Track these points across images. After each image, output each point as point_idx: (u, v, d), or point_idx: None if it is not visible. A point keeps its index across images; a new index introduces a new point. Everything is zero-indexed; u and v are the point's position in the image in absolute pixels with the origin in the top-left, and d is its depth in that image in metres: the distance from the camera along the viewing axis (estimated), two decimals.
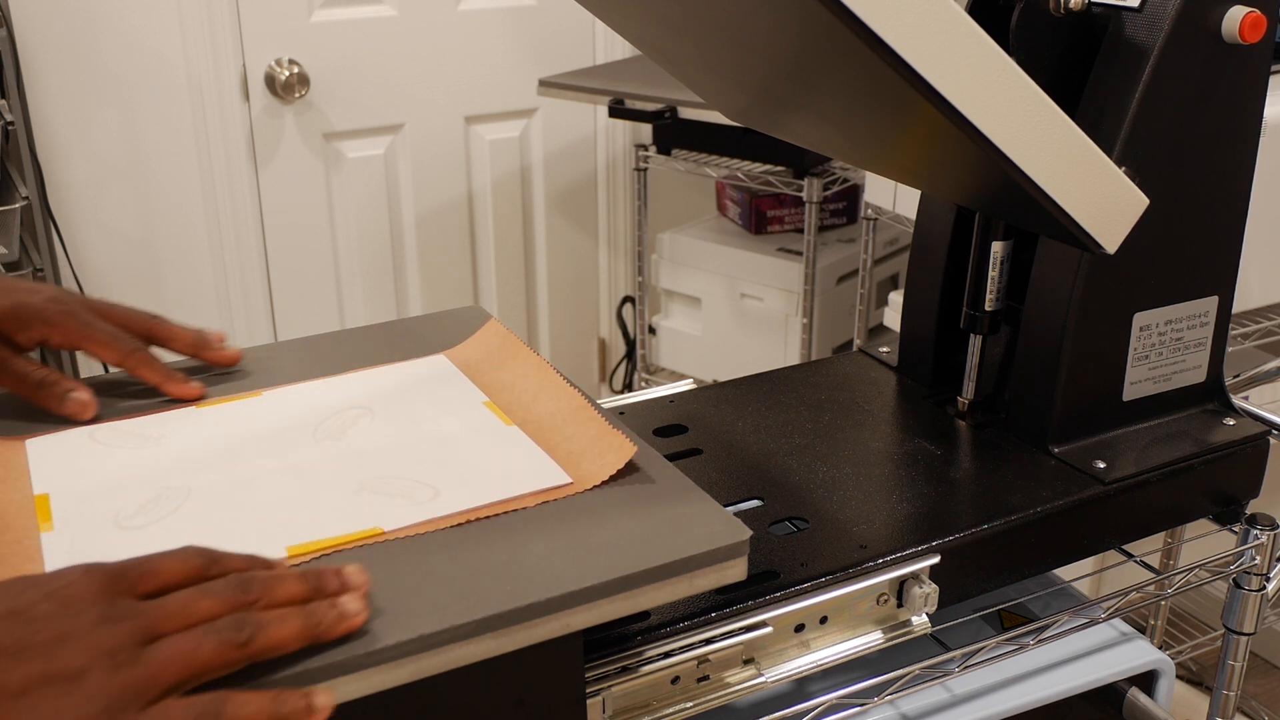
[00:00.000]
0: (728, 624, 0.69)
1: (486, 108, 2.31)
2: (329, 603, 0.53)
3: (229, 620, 0.51)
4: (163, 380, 0.78)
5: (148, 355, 0.79)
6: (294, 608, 0.53)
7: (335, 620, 0.53)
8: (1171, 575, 0.88)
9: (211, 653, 0.49)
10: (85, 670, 0.47)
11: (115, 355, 0.77)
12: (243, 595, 0.52)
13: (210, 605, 0.51)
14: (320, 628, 0.52)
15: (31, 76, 1.89)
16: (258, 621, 0.51)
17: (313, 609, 0.53)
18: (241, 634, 0.50)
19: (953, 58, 0.61)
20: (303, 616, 0.52)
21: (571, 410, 0.73)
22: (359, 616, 0.54)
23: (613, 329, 2.60)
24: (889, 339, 1.04)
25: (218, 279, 2.14)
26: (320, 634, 0.52)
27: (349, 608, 0.54)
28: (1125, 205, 0.72)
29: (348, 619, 0.53)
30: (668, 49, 0.88)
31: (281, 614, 0.52)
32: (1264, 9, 0.79)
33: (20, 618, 0.48)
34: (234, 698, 0.49)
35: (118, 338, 0.77)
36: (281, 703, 0.50)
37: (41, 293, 0.77)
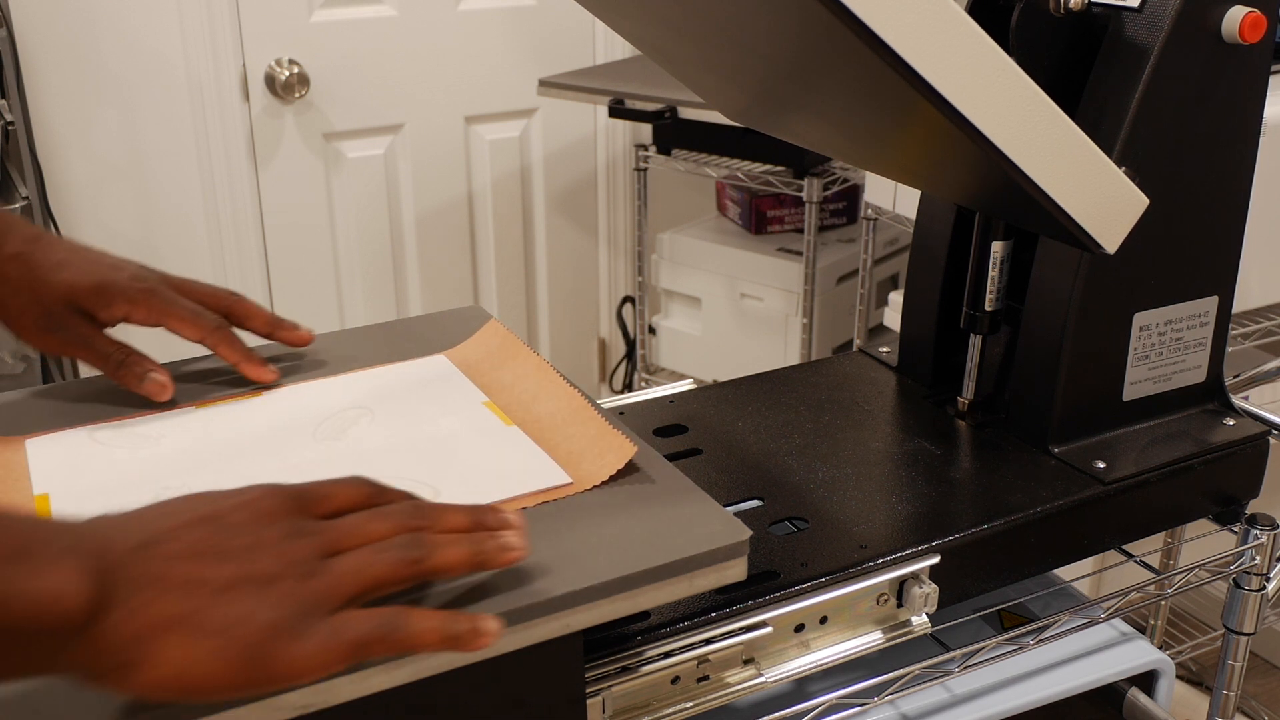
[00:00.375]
0: (728, 624, 0.69)
1: (486, 108, 2.31)
2: (491, 534, 0.56)
3: (404, 539, 0.53)
4: (241, 360, 0.79)
5: (229, 333, 0.80)
6: (462, 534, 0.55)
7: (498, 550, 0.55)
8: (1171, 575, 0.88)
9: (387, 568, 0.52)
10: (278, 576, 0.50)
11: (197, 332, 0.78)
12: (415, 519, 0.55)
13: (385, 526, 0.54)
14: (485, 555, 0.55)
15: (31, 76, 1.89)
16: (431, 542, 0.54)
17: (478, 538, 0.55)
18: (415, 552, 0.53)
19: (953, 58, 0.61)
20: (470, 543, 0.55)
21: (571, 410, 0.73)
22: (521, 550, 0.56)
23: (613, 329, 2.60)
24: (889, 339, 1.04)
25: (218, 279, 2.14)
26: (484, 561, 0.55)
27: (511, 540, 0.56)
28: (1125, 205, 0.72)
29: (510, 550, 0.55)
30: (668, 49, 0.88)
31: (452, 538, 0.54)
32: (1264, 9, 0.79)
33: (219, 522, 0.51)
34: (411, 612, 0.52)
35: (200, 315, 0.78)
36: (453, 623, 0.52)
37: (125, 269, 0.78)
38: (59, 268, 0.76)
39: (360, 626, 0.50)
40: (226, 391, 0.80)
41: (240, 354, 0.80)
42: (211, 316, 0.79)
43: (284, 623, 0.49)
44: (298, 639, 0.49)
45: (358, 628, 0.50)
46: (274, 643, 0.48)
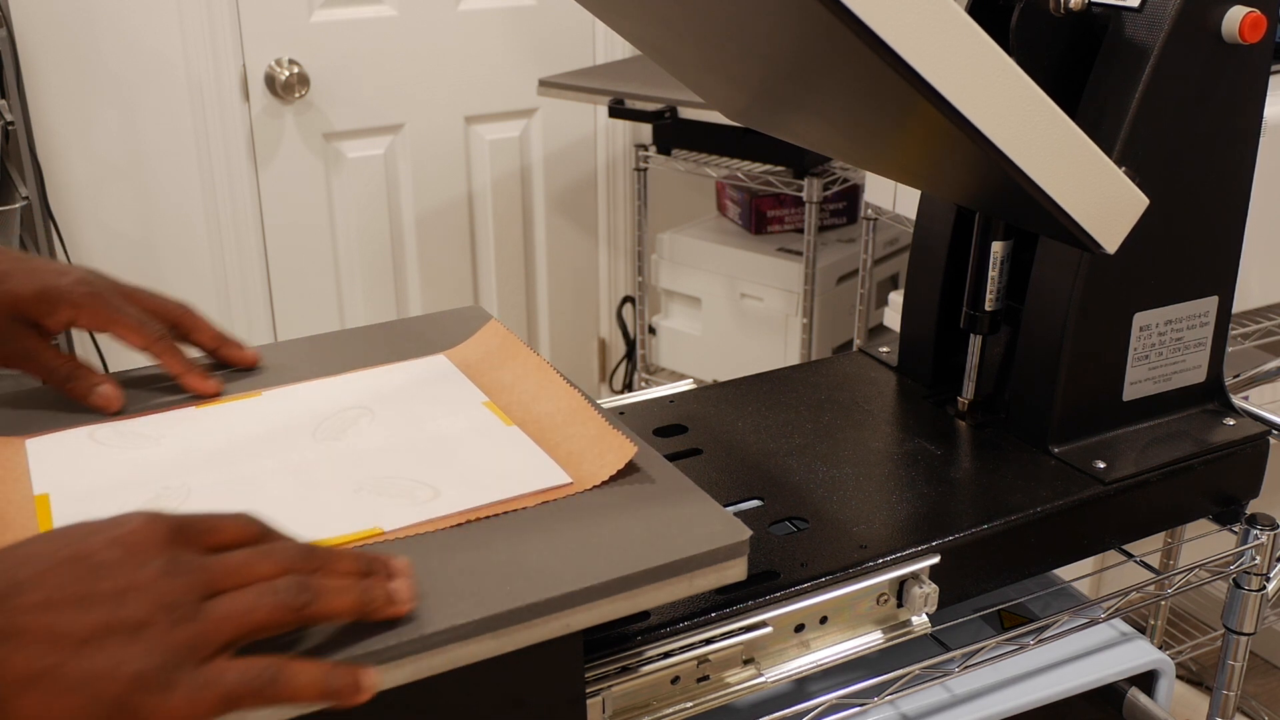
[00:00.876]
0: (728, 624, 0.69)
1: (486, 108, 2.31)
2: (381, 583, 0.54)
3: (289, 582, 0.51)
4: (183, 371, 0.78)
5: (172, 344, 0.79)
6: (350, 580, 0.54)
7: (384, 601, 0.54)
8: (1171, 575, 0.88)
9: (267, 613, 0.50)
10: (146, 623, 0.47)
11: (140, 340, 0.77)
12: (303, 562, 0.53)
13: (270, 567, 0.52)
14: (372, 605, 0.53)
15: (31, 76, 1.89)
16: (317, 588, 0.52)
17: (368, 585, 0.54)
18: (300, 598, 0.51)
19: (953, 58, 0.61)
20: (358, 591, 0.53)
21: (571, 410, 0.73)
22: (407, 604, 0.55)
23: (613, 329, 2.60)
24: (889, 339, 1.04)
25: (218, 279, 2.14)
26: (371, 611, 0.53)
27: (400, 593, 0.55)
28: (1125, 205, 0.72)
29: (397, 603, 0.54)
30: (668, 49, 0.88)
31: (339, 585, 0.53)
32: (1264, 9, 0.79)
33: (85, 563, 0.48)
34: (289, 665, 0.50)
35: (144, 323, 0.78)
36: (334, 677, 0.51)
37: (70, 274, 0.77)
38: (1, 279, 0.74)
39: (232, 678, 0.48)
40: (226, 392, 0.80)
41: (182, 365, 0.78)
42: (156, 326, 0.78)
43: (151, 674, 0.47)
44: (163, 692, 0.47)
45: (230, 679, 0.48)
46: (139, 696, 0.46)
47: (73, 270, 0.78)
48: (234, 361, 0.82)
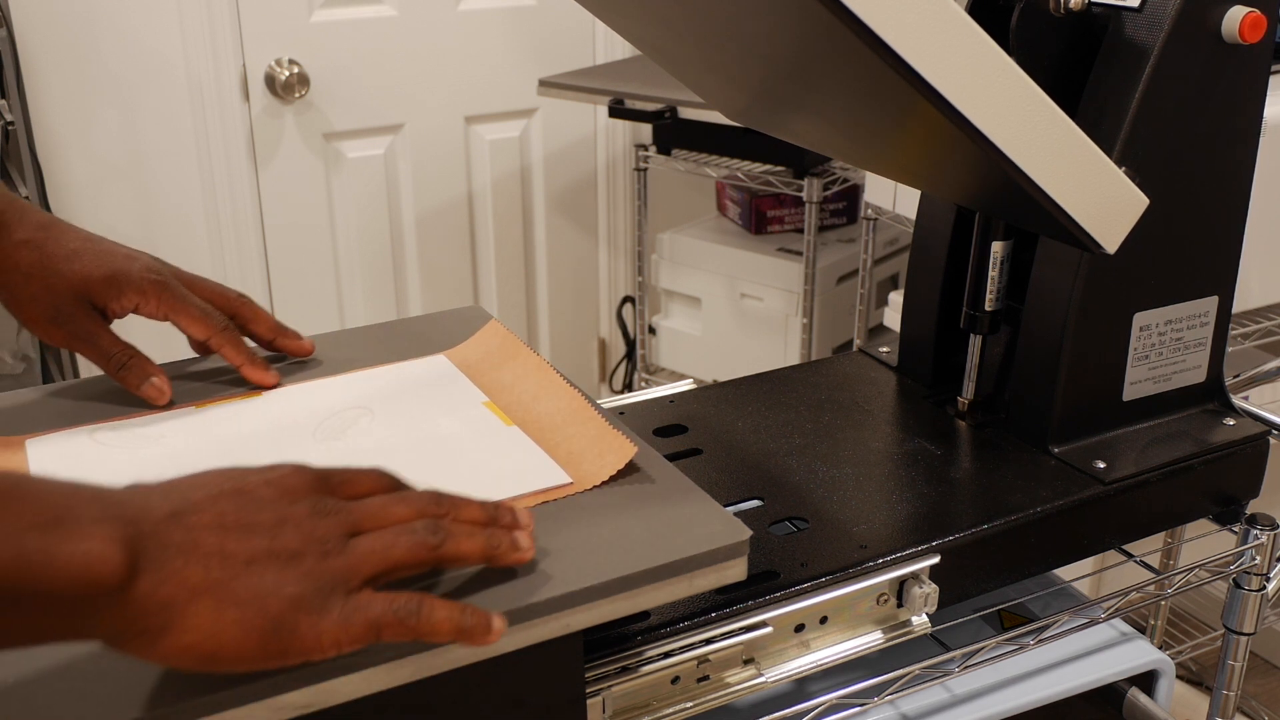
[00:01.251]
0: (728, 624, 0.69)
1: (486, 108, 2.31)
2: (506, 531, 0.57)
3: (424, 523, 0.55)
4: (245, 362, 0.79)
5: (235, 335, 0.80)
6: (478, 526, 0.57)
7: (510, 547, 0.57)
8: (1171, 575, 0.88)
9: (405, 550, 0.53)
10: (301, 553, 0.51)
11: (204, 331, 0.79)
12: (434, 506, 0.56)
13: (405, 510, 0.55)
14: (498, 550, 0.56)
15: (31, 76, 1.89)
16: (449, 529, 0.55)
17: (493, 532, 0.57)
18: (434, 537, 0.54)
19: (953, 58, 0.61)
20: (485, 535, 0.56)
21: (571, 410, 0.73)
22: (529, 552, 0.58)
23: (613, 329, 2.60)
24: (889, 339, 1.04)
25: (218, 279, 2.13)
26: (497, 556, 0.57)
27: (522, 541, 0.57)
28: (1125, 205, 0.72)
29: (520, 550, 0.57)
30: (668, 49, 0.88)
31: (468, 529, 0.56)
32: (1264, 9, 0.79)
33: (247, 496, 0.52)
34: (428, 600, 0.53)
35: (209, 314, 0.79)
36: (468, 615, 0.54)
37: (139, 260, 0.79)
38: (72, 257, 0.76)
39: (378, 608, 0.51)
40: (227, 391, 0.80)
41: (244, 356, 0.80)
42: (220, 317, 0.80)
43: (306, 598, 0.50)
44: (318, 614, 0.50)
45: (376, 609, 0.51)
46: (296, 616, 0.50)
47: (141, 256, 0.80)
48: (292, 351, 0.83)
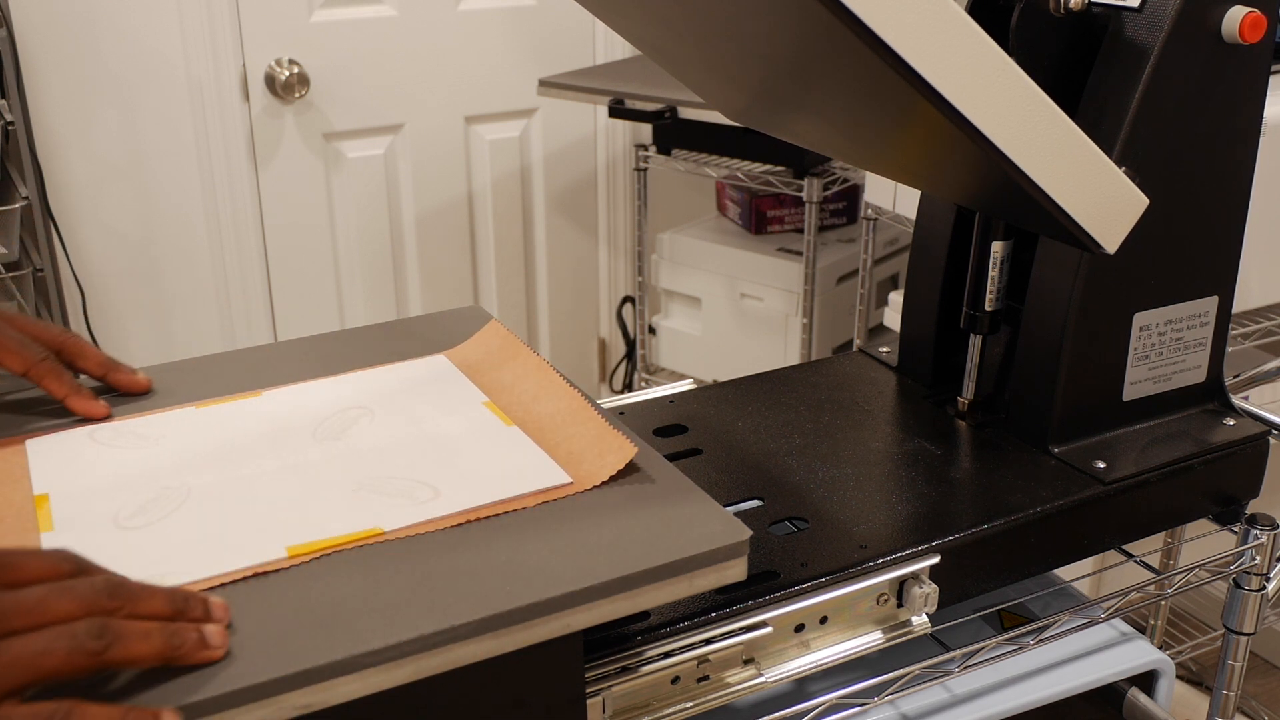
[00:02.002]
0: (728, 624, 0.69)
1: (486, 108, 2.31)
2: (193, 626, 0.52)
3: (87, 625, 0.48)
4: (70, 393, 0.75)
5: (55, 366, 0.75)
6: (156, 624, 0.51)
7: (196, 645, 0.51)
8: (1171, 575, 0.88)
9: (62, 658, 0.47)
10: None
11: (21, 364, 0.74)
12: (105, 600, 0.50)
13: (69, 606, 0.49)
14: (181, 649, 0.51)
15: (31, 76, 1.89)
16: (117, 631, 0.49)
17: (176, 629, 0.51)
18: (99, 642, 0.48)
19: (953, 58, 0.61)
20: (165, 635, 0.50)
21: (572, 411, 0.73)
22: (220, 650, 0.52)
23: (613, 329, 2.60)
24: (889, 339, 1.04)
25: (218, 279, 2.14)
26: (179, 656, 0.51)
27: (212, 638, 0.52)
28: (1125, 205, 0.72)
29: (208, 648, 0.52)
30: (668, 49, 0.88)
31: (144, 628, 0.50)
32: (1264, 9, 0.79)
33: None
34: (82, 710, 0.47)
35: (25, 345, 0.74)
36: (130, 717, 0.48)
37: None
38: None
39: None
40: (226, 392, 0.80)
41: (68, 387, 0.75)
42: (38, 348, 0.75)
43: None
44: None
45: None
46: None
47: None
48: (125, 387, 0.79)
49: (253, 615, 0.56)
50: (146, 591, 0.52)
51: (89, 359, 0.78)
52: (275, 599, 0.58)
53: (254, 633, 0.55)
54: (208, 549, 0.61)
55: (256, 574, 0.59)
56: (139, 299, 2.08)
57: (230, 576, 0.59)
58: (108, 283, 2.05)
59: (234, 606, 0.56)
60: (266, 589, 0.58)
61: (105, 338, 2.03)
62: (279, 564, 0.60)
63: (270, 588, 0.59)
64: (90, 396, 0.76)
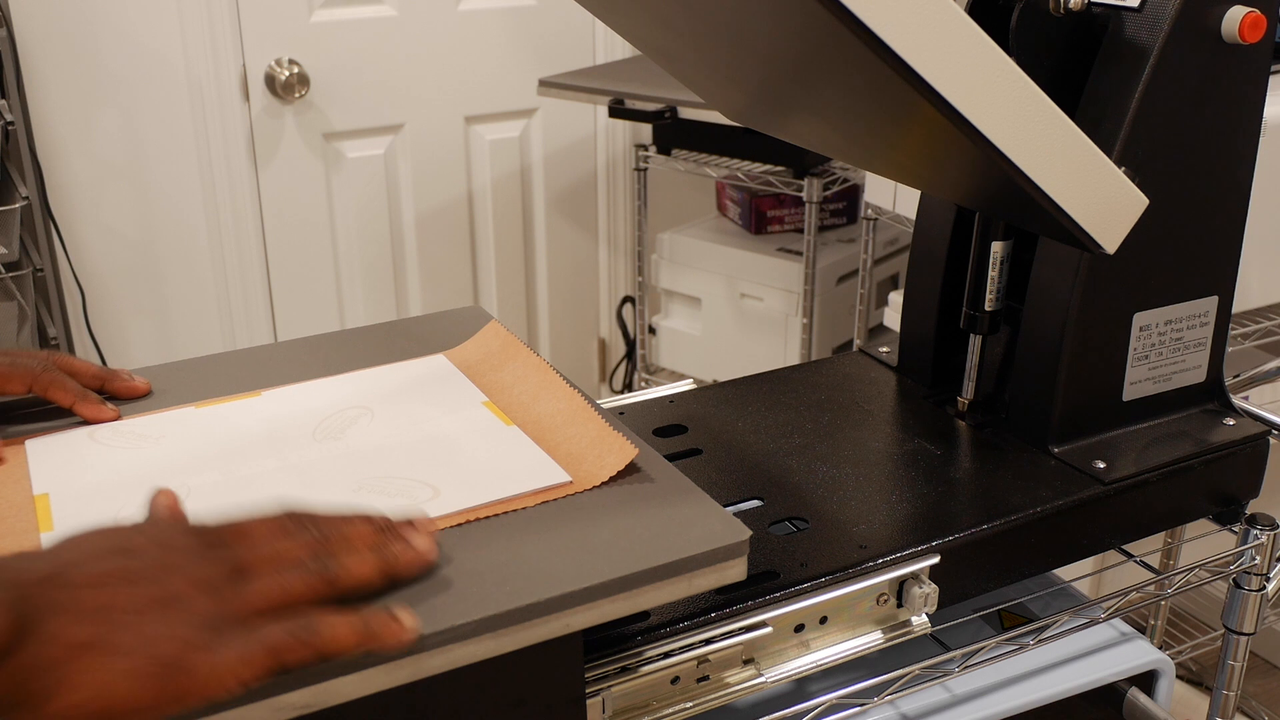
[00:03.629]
0: (728, 624, 0.69)
1: (486, 108, 2.31)
2: (398, 539, 0.57)
3: (313, 555, 0.54)
4: (76, 400, 0.75)
5: (57, 376, 0.75)
6: (369, 546, 0.56)
7: (404, 552, 0.57)
8: (1171, 575, 0.88)
9: (300, 586, 0.53)
10: (188, 595, 0.51)
11: (22, 383, 0.75)
12: (319, 534, 0.56)
13: (291, 547, 0.54)
14: (395, 562, 0.56)
15: (31, 76, 1.89)
16: (340, 560, 0.55)
17: (385, 546, 0.56)
18: (326, 571, 0.54)
19: (953, 58, 0.61)
20: (377, 553, 0.56)
21: (572, 411, 0.73)
22: (430, 553, 0.58)
23: (613, 329, 2.60)
24: (889, 339, 1.04)
25: (218, 279, 2.14)
26: (395, 569, 0.56)
27: (419, 544, 0.57)
28: (1125, 205, 0.72)
29: (420, 554, 0.57)
30: (668, 49, 0.88)
31: (359, 554, 0.55)
32: (1264, 9, 0.79)
33: (124, 552, 0.52)
34: (325, 615, 0.52)
35: (20, 365, 0.75)
36: (370, 619, 0.53)
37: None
38: None
39: (274, 633, 0.51)
40: (227, 391, 0.80)
41: (74, 394, 0.75)
42: (33, 362, 0.75)
43: (197, 637, 0.49)
44: (213, 651, 0.49)
45: (271, 635, 0.51)
46: (189, 656, 0.49)
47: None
48: (123, 394, 0.79)
49: None
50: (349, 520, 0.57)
51: (81, 374, 0.78)
52: None
53: None
54: None
55: None
56: (139, 299, 2.08)
57: None
58: (108, 283, 2.05)
59: None
60: None
61: (105, 338, 2.03)
62: None
63: None
64: (98, 401, 0.76)
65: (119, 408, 0.77)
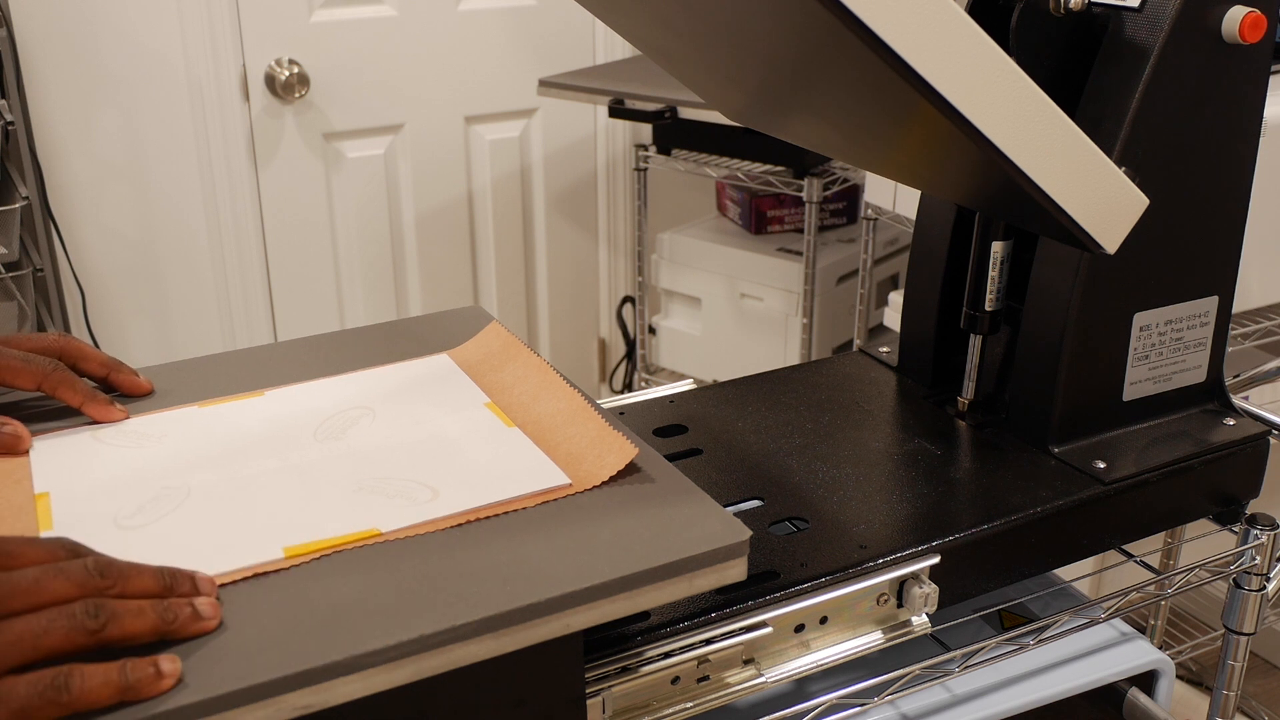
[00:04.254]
0: (728, 624, 0.69)
1: (486, 108, 2.31)
2: (184, 600, 0.53)
3: (84, 605, 0.50)
4: (85, 401, 0.75)
5: (67, 375, 0.74)
6: (149, 600, 0.52)
7: (190, 618, 0.53)
8: (1171, 575, 0.88)
9: (62, 636, 0.49)
10: None
11: (32, 380, 0.73)
12: (98, 580, 0.52)
13: (63, 586, 0.50)
14: (175, 624, 0.52)
15: (31, 76, 1.89)
16: (112, 609, 0.50)
17: (169, 604, 0.53)
18: (96, 620, 0.50)
19: (953, 58, 0.61)
20: (158, 610, 0.52)
21: (572, 411, 0.73)
22: (213, 620, 0.54)
23: (613, 329, 2.60)
24: (889, 339, 1.04)
25: (218, 279, 2.14)
26: (173, 630, 0.52)
27: (204, 609, 0.54)
28: (1125, 205, 0.72)
29: (201, 620, 0.53)
30: (668, 49, 0.88)
31: (138, 605, 0.52)
32: (1264, 9, 0.79)
33: None
34: (80, 669, 0.48)
35: (31, 361, 0.74)
36: (129, 671, 0.49)
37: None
38: None
39: (23, 690, 0.47)
40: (229, 391, 0.80)
41: (82, 395, 0.74)
42: (44, 361, 0.74)
43: None
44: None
45: (21, 692, 0.47)
46: None
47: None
48: (127, 388, 0.78)
49: (252, 616, 0.56)
50: (135, 570, 0.53)
51: (90, 360, 0.77)
52: (275, 599, 0.58)
53: (254, 633, 0.55)
54: (206, 549, 0.61)
55: (255, 574, 0.59)
56: (139, 299, 2.08)
57: (229, 577, 0.59)
58: (108, 283, 2.05)
59: (233, 606, 0.56)
60: (266, 589, 0.58)
61: (105, 338, 2.03)
62: (277, 564, 0.60)
63: (269, 588, 0.59)
64: (106, 402, 0.75)
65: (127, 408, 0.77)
